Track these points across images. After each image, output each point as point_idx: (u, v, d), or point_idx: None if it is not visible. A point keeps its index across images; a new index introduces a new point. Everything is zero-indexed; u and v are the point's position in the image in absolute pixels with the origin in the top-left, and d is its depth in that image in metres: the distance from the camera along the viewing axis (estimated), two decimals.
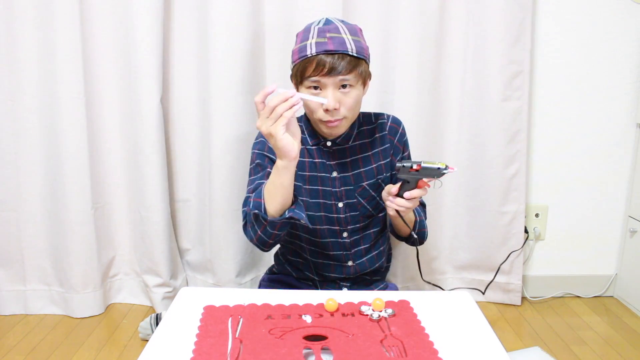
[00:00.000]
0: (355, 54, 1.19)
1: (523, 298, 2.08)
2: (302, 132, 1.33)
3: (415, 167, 1.02)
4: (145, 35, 1.73)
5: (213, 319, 0.95)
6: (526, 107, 1.88)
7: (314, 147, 1.32)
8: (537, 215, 2.06)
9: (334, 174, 1.31)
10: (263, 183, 1.21)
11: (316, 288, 1.37)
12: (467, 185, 1.97)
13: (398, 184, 1.16)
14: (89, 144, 1.84)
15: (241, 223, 1.28)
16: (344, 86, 1.19)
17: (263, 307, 1.00)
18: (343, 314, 0.98)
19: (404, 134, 1.37)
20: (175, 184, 1.97)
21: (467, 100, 1.90)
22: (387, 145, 1.35)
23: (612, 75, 1.96)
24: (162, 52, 1.78)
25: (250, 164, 1.33)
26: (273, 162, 1.26)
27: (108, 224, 1.97)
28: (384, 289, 1.42)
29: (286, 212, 1.14)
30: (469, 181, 1.96)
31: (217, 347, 0.86)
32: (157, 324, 1.78)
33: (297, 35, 1.25)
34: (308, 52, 1.18)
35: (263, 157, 1.31)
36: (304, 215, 1.16)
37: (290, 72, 1.28)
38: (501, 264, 1.99)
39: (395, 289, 1.51)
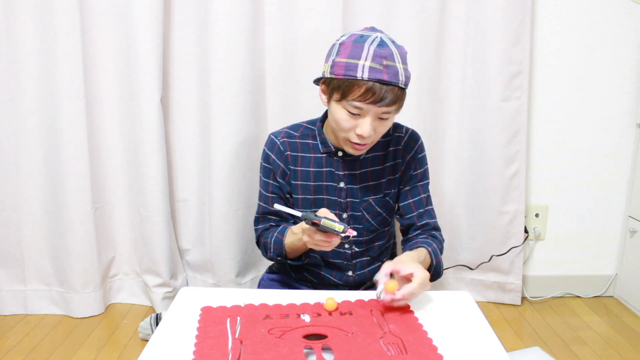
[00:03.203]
0: (403, 86, 1.12)
1: (523, 298, 2.08)
2: (314, 139, 1.30)
3: (316, 221, 1.05)
4: (145, 35, 1.73)
5: (211, 320, 0.95)
6: (526, 107, 1.88)
7: (323, 155, 1.29)
8: (537, 215, 2.06)
9: (342, 184, 1.29)
10: (282, 229, 1.28)
11: (315, 289, 1.37)
12: (467, 185, 1.97)
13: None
14: (89, 144, 1.84)
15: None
16: (381, 118, 1.14)
17: (261, 307, 1.00)
18: (341, 313, 0.98)
19: (419, 150, 1.32)
20: (175, 184, 1.97)
21: (467, 100, 1.90)
22: (399, 161, 1.30)
23: (612, 75, 1.95)
24: (162, 52, 1.78)
25: (259, 171, 1.36)
26: (276, 179, 1.32)
27: (108, 224, 1.97)
28: None
29: (303, 258, 1.31)
30: (468, 181, 1.96)
31: (218, 347, 0.86)
32: (157, 324, 1.78)
33: (341, 44, 1.13)
34: (359, 75, 1.08)
35: (268, 172, 1.33)
36: (318, 257, 1.33)
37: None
38: (495, 255, 1.98)
39: None
